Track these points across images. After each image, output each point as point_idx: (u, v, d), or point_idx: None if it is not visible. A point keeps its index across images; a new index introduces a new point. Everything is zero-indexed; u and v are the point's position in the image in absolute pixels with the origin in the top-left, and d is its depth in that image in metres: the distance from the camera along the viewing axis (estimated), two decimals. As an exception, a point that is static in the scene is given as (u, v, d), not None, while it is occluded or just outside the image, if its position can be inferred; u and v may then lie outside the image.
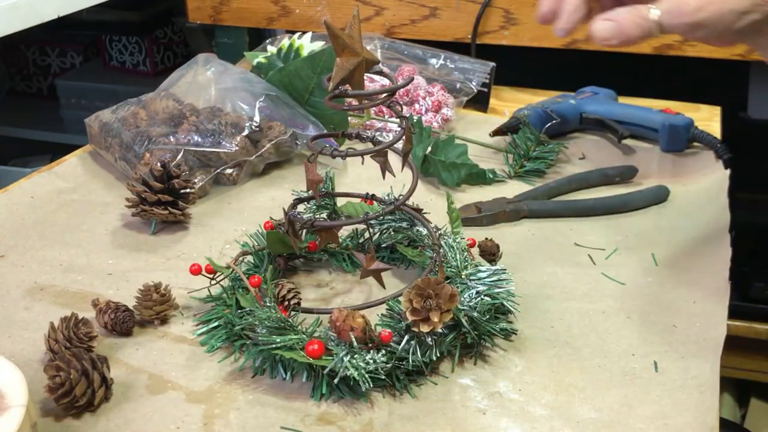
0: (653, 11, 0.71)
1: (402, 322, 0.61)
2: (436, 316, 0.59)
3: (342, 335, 0.59)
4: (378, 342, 0.59)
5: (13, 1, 1.20)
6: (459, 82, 1.13)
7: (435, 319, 0.59)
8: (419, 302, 0.59)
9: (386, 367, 0.59)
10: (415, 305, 0.59)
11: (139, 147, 0.89)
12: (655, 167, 0.95)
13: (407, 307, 0.59)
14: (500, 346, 0.65)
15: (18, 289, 0.73)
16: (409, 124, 0.66)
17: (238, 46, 1.43)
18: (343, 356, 0.58)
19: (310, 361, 0.59)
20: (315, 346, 0.59)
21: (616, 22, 0.71)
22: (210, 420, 0.58)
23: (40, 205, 0.88)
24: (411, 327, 0.60)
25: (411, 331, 0.60)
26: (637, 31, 0.71)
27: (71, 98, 2.13)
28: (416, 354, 0.60)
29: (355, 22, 0.61)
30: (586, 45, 1.23)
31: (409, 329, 0.60)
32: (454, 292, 0.60)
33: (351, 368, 0.57)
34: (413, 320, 0.59)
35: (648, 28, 0.71)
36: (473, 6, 1.25)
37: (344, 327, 0.58)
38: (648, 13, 0.71)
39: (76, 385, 0.57)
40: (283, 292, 0.66)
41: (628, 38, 0.70)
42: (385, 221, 0.75)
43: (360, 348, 0.58)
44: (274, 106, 0.95)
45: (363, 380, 0.57)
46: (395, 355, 0.59)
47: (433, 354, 0.61)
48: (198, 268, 0.69)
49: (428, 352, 0.60)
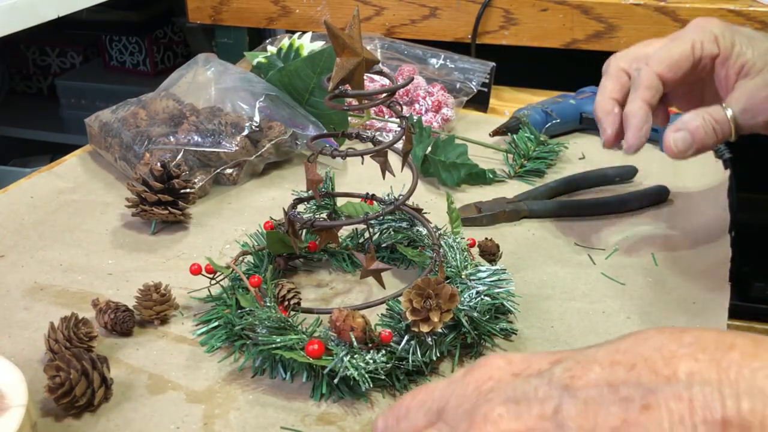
0: (728, 111, 0.66)
1: (402, 322, 0.61)
2: (436, 316, 0.59)
3: (342, 335, 0.59)
4: (378, 342, 0.59)
5: (13, 1, 1.20)
6: (459, 82, 1.13)
7: (435, 319, 0.59)
8: (419, 302, 0.59)
9: (386, 367, 0.59)
10: (415, 305, 0.59)
11: (139, 147, 0.89)
12: (655, 167, 0.95)
13: (407, 307, 0.59)
14: (500, 346, 0.65)
15: (18, 289, 0.73)
16: (409, 124, 0.66)
17: (238, 46, 1.43)
18: (343, 356, 0.58)
19: (310, 361, 0.59)
20: (315, 346, 0.58)
21: (689, 132, 0.66)
22: (210, 420, 0.58)
23: (40, 205, 0.88)
24: (411, 327, 0.60)
25: (411, 331, 0.60)
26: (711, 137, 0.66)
27: (71, 98, 2.13)
28: (416, 354, 0.60)
29: (355, 22, 0.61)
30: (586, 45, 1.23)
31: (409, 329, 0.60)
32: (454, 292, 0.60)
33: (351, 368, 0.57)
34: (413, 320, 0.59)
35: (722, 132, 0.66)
36: (473, 6, 1.25)
37: (344, 327, 0.58)
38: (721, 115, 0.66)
39: (76, 385, 0.57)
40: (283, 292, 0.66)
41: (704, 146, 0.66)
42: (385, 221, 0.75)
43: (360, 348, 0.58)
44: (274, 106, 0.95)
45: (363, 380, 0.57)
46: (395, 355, 0.59)
47: (433, 354, 0.61)
48: (198, 267, 0.69)
49: (428, 352, 0.60)
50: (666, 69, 0.68)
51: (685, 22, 1.17)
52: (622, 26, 1.20)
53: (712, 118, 0.66)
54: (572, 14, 1.22)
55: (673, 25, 1.19)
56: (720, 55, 0.68)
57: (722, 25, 0.69)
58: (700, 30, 0.69)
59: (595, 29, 1.22)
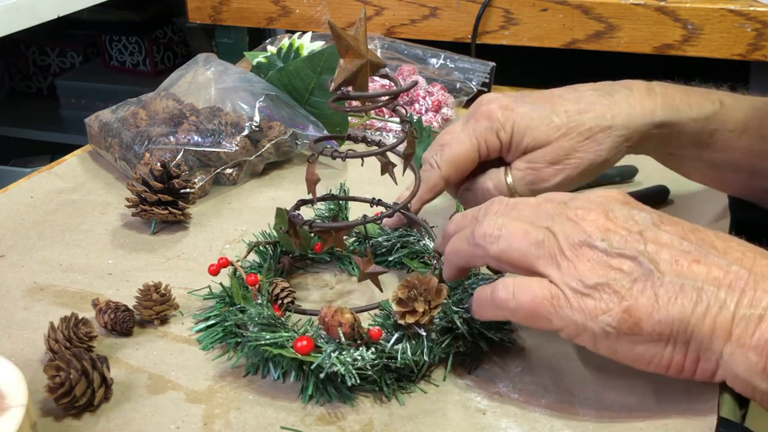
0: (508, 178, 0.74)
1: (392, 318, 0.60)
2: (421, 306, 0.58)
3: (330, 331, 0.58)
4: (367, 339, 0.59)
5: (13, 1, 1.20)
6: (459, 81, 1.13)
7: (420, 310, 0.58)
8: (404, 293, 0.59)
9: (375, 364, 0.58)
10: (400, 296, 0.59)
11: (139, 147, 0.89)
12: (655, 167, 0.94)
13: (393, 298, 0.59)
14: (500, 346, 0.65)
15: (18, 289, 0.73)
16: (412, 128, 0.66)
17: (238, 46, 1.43)
18: (330, 352, 0.57)
19: (299, 357, 0.58)
20: (303, 342, 0.58)
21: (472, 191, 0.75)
22: (210, 420, 0.58)
23: (40, 205, 0.88)
24: (398, 320, 0.59)
25: (399, 326, 0.60)
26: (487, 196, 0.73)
27: (71, 98, 2.14)
28: (406, 353, 0.59)
29: (361, 23, 0.60)
30: (586, 45, 1.24)
31: (398, 326, 0.60)
32: (441, 287, 0.59)
33: (338, 364, 0.57)
34: (398, 311, 0.59)
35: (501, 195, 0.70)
36: (473, 6, 1.25)
37: (332, 322, 0.58)
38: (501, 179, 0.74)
39: (76, 385, 0.57)
40: (277, 290, 0.66)
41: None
42: (391, 238, 0.74)
43: (348, 344, 0.58)
44: (274, 106, 0.95)
45: (350, 376, 0.57)
46: (385, 353, 0.59)
47: (424, 355, 0.60)
48: (216, 267, 0.69)
49: (419, 352, 0.60)
50: (453, 173, 0.74)
51: (685, 22, 1.18)
52: (622, 26, 1.21)
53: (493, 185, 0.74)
54: (572, 14, 1.22)
55: (673, 25, 1.19)
56: (503, 147, 0.74)
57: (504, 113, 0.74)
58: (484, 125, 0.74)
59: (595, 29, 1.22)
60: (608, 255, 0.54)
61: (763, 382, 0.51)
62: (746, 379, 0.51)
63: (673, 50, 1.20)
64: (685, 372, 0.54)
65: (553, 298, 0.54)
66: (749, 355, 0.51)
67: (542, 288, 0.54)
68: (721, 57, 1.18)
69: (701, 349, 0.52)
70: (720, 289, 0.52)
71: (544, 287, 0.54)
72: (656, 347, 0.53)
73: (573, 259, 0.54)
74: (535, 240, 0.56)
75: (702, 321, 0.51)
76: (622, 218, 0.56)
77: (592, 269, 0.54)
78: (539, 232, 0.56)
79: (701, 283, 0.52)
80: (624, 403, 0.58)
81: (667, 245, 0.54)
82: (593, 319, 0.53)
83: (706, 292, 0.52)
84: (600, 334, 0.53)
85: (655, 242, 0.54)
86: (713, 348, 0.52)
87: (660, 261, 0.53)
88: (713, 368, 0.53)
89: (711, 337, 0.51)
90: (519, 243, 0.56)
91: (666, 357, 0.53)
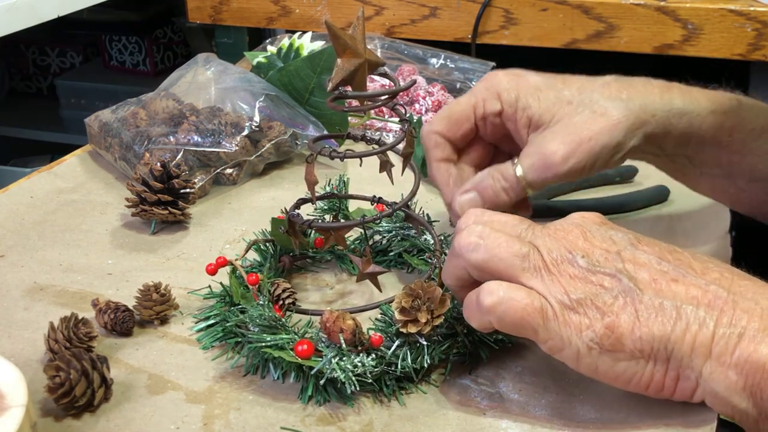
0: (517, 169, 0.66)
1: (393, 325, 0.60)
2: (424, 317, 0.58)
3: (332, 337, 0.58)
4: (368, 345, 0.59)
5: (13, 1, 1.20)
6: (459, 82, 1.13)
7: (422, 320, 0.58)
8: (408, 302, 0.59)
9: (374, 371, 0.58)
10: (404, 305, 0.59)
11: (139, 147, 0.89)
12: (655, 167, 0.94)
13: (396, 307, 0.59)
14: (500, 346, 0.65)
15: (18, 289, 0.73)
16: (411, 127, 0.66)
17: (238, 46, 1.43)
18: (331, 357, 0.57)
19: (299, 362, 0.58)
20: (304, 346, 0.58)
21: (478, 192, 0.67)
22: (210, 420, 0.58)
23: (40, 205, 0.88)
24: (399, 328, 0.59)
25: (401, 334, 0.59)
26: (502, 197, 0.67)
27: (71, 98, 2.14)
28: (406, 360, 0.59)
29: (359, 23, 0.60)
30: (586, 45, 1.24)
31: (399, 333, 0.60)
32: (445, 297, 0.59)
33: (338, 370, 0.57)
34: (401, 320, 0.59)
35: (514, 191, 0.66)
36: (473, 6, 1.25)
37: (334, 328, 0.58)
38: (510, 173, 0.67)
39: (75, 385, 0.57)
40: (278, 291, 0.66)
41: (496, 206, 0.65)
42: (393, 229, 0.75)
43: (349, 350, 0.58)
44: (274, 106, 0.95)
45: (349, 383, 0.57)
46: (385, 359, 0.59)
47: (424, 361, 0.59)
48: (214, 267, 0.69)
49: (419, 359, 0.59)
50: (444, 128, 0.70)
51: (685, 22, 1.18)
52: (623, 26, 1.21)
53: (502, 177, 0.67)
54: (572, 14, 1.22)
55: (673, 25, 1.19)
56: (503, 112, 0.69)
57: (510, 78, 0.69)
58: (485, 86, 0.70)
59: (596, 29, 1.22)
60: (589, 272, 0.54)
61: (742, 401, 0.51)
62: (726, 397, 0.51)
63: (673, 50, 1.20)
64: (665, 391, 0.54)
65: (543, 309, 0.54)
66: (729, 373, 0.51)
67: (532, 298, 0.54)
68: (721, 57, 1.18)
69: (681, 366, 0.52)
70: (699, 308, 0.52)
71: (534, 298, 0.54)
72: (637, 365, 0.53)
73: (556, 274, 0.55)
74: (519, 252, 0.55)
75: (682, 339, 0.52)
76: (600, 238, 0.56)
77: (575, 285, 0.54)
78: (523, 245, 0.56)
79: (680, 302, 0.52)
80: (624, 404, 0.58)
81: (645, 265, 0.54)
82: (578, 335, 0.53)
83: (685, 310, 0.52)
84: (583, 350, 0.54)
85: (633, 262, 0.54)
86: (693, 366, 0.52)
87: (639, 279, 0.53)
88: (693, 387, 0.53)
89: (691, 355, 0.52)
90: (503, 253, 0.56)
91: (646, 375, 0.53)
